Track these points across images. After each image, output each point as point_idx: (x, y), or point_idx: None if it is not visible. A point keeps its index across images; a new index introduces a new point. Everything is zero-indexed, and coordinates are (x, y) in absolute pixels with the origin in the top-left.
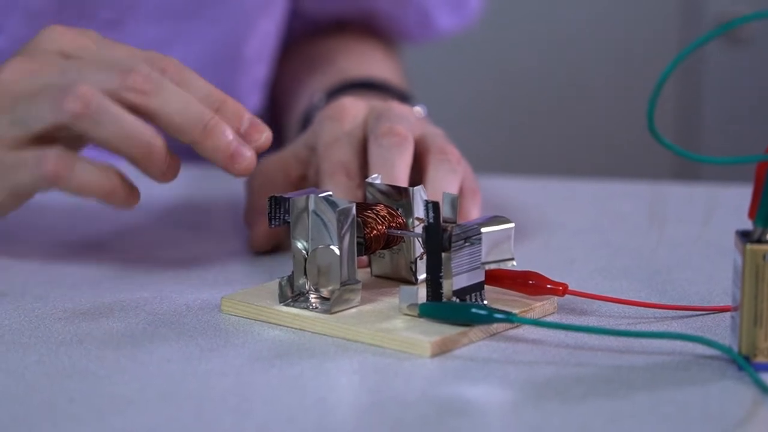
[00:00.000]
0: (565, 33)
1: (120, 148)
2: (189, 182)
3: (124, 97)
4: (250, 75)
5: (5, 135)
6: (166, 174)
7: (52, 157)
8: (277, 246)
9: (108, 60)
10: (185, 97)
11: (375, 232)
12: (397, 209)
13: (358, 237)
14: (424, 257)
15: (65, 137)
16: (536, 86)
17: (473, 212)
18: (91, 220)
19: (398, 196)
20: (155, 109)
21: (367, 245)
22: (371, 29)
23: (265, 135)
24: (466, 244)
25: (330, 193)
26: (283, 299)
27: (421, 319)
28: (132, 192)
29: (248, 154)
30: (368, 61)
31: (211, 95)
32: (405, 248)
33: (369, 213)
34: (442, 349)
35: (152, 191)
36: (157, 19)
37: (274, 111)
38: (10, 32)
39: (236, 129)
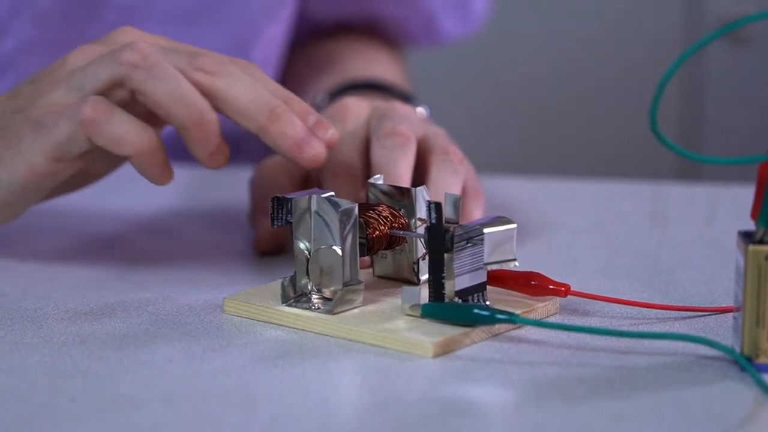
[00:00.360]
0: (567, 33)
1: (172, 110)
2: (191, 183)
3: (189, 76)
4: None
5: (59, 101)
6: (214, 155)
7: (90, 103)
8: (281, 246)
9: (179, 47)
10: (253, 82)
11: (377, 232)
12: (400, 209)
13: (360, 237)
14: (427, 258)
15: (120, 103)
16: (538, 86)
17: (476, 213)
18: (94, 220)
19: (401, 197)
20: (221, 89)
21: (369, 246)
22: (377, 33)
23: (331, 132)
24: (469, 244)
25: (332, 193)
26: (285, 300)
27: (424, 320)
28: (167, 166)
29: (317, 144)
30: (372, 62)
31: (278, 90)
32: (407, 249)
33: (371, 213)
34: (444, 350)
35: (154, 191)
36: (165, 24)
37: None
38: (16, 34)
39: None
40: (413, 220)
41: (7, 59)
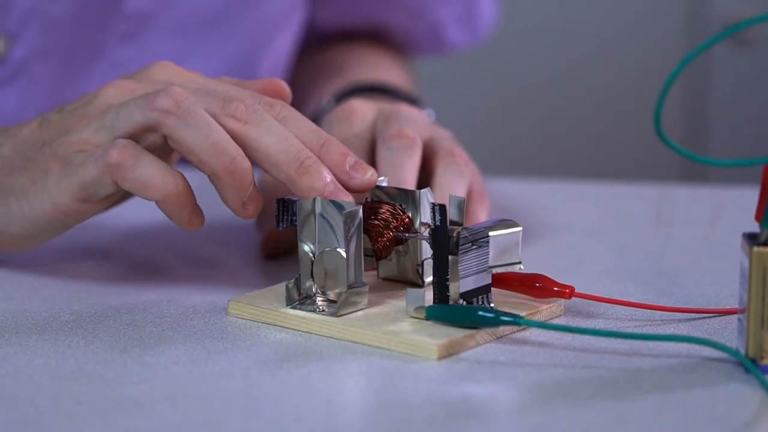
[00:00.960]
0: (572, 36)
1: (204, 158)
2: (197, 186)
3: (222, 122)
4: None
5: (89, 140)
6: (246, 206)
7: (118, 146)
8: (287, 249)
9: (213, 89)
10: (285, 132)
11: (383, 239)
12: (401, 205)
13: (366, 249)
14: (431, 260)
15: (151, 146)
16: (543, 88)
17: (481, 215)
18: (99, 222)
19: (406, 199)
20: (252, 138)
21: (377, 256)
22: (383, 42)
23: (369, 174)
24: (474, 247)
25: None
26: (290, 302)
27: (428, 322)
28: (196, 210)
29: (344, 197)
30: (378, 67)
31: (316, 132)
32: (412, 251)
33: (374, 221)
34: (449, 352)
35: None
36: (175, 34)
37: None
38: (27, 43)
39: (341, 167)
40: (417, 223)
41: (18, 67)
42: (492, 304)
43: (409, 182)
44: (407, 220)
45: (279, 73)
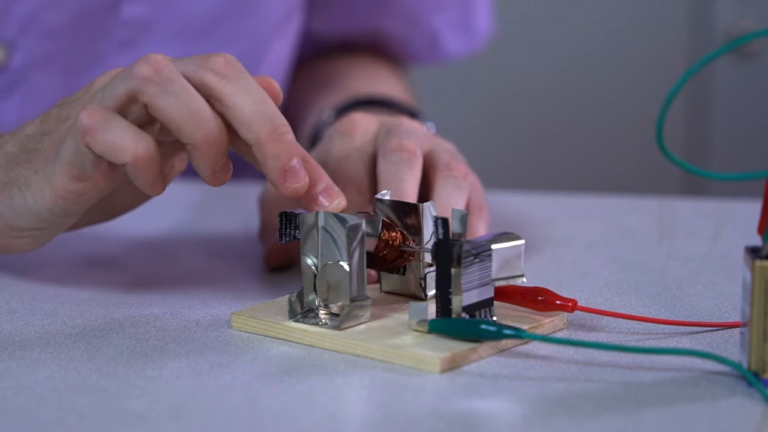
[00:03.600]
0: (573, 48)
1: (182, 126)
2: (200, 198)
3: (200, 76)
4: None
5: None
6: (218, 174)
7: (88, 110)
8: (291, 262)
9: (195, 57)
10: (263, 94)
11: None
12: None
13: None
14: (434, 272)
15: (136, 119)
16: (544, 101)
17: (480, 228)
18: (101, 236)
19: (408, 212)
20: (228, 94)
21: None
22: (380, 51)
23: (336, 201)
24: (476, 260)
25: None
26: (292, 315)
27: (431, 335)
28: (160, 175)
29: (303, 177)
30: (377, 80)
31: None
32: (414, 264)
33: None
34: (451, 365)
35: (163, 206)
36: (172, 41)
37: None
38: (26, 50)
39: (310, 189)
40: (421, 236)
41: (17, 75)
42: (494, 318)
43: (410, 195)
44: (396, 234)
45: (278, 81)
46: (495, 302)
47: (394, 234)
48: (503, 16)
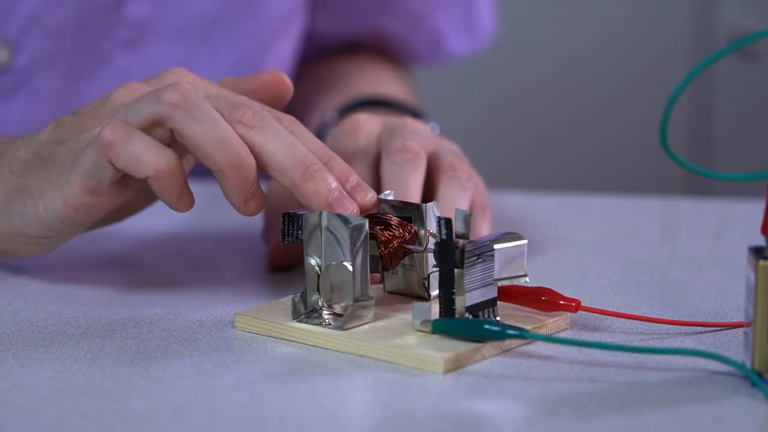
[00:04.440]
0: (577, 47)
1: (209, 152)
2: (205, 198)
3: (231, 125)
4: None
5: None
6: (249, 202)
7: (110, 125)
8: (294, 262)
9: (224, 95)
10: (291, 138)
11: (391, 245)
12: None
13: (372, 254)
14: (437, 272)
15: (159, 141)
16: (547, 101)
17: (483, 229)
18: (105, 237)
19: (411, 212)
20: (259, 143)
21: (384, 265)
22: (383, 51)
23: (369, 195)
24: (479, 260)
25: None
26: (296, 315)
27: (434, 336)
28: (186, 190)
29: (350, 206)
30: (380, 80)
31: (321, 149)
32: (417, 264)
33: (382, 232)
34: (455, 366)
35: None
36: (176, 40)
37: None
38: (29, 50)
39: (342, 186)
40: (423, 232)
41: (21, 75)
42: (498, 318)
43: (414, 196)
44: (414, 231)
45: None
46: (498, 302)
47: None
48: (505, 17)
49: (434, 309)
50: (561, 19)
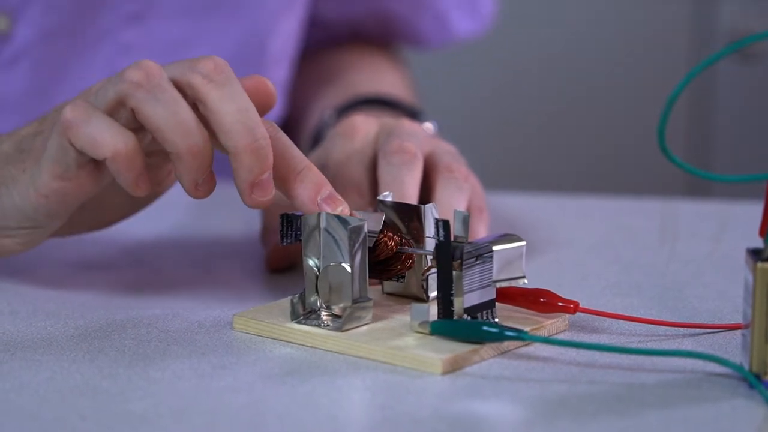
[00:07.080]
0: (576, 49)
1: (167, 135)
2: (201, 201)
3: (188, 78)
4: (272, 76)
5: None
6: (200, 187)
7: (71, 104)
8: (292, 264)
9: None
10: (248, 102)
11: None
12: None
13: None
14: (435, 274)
15: (125, 124)
16: (546, 102)
17: (480, 230)
18: (104, 238)
19: (410, 214)
20: (213, 99)
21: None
22: (387, 34)
23: (340, 208)
24: (478, 261)
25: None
26: (294, 317)
27: (433, 337)
28: (143, 174)
29: (271, 192)
30: (379, 76)
31: (297, 158)
32: (416, 266)
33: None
34: (453, 367)
35: (165, 207)
36: (181, 15)
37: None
38: (30, 22)
39: (312, 197)
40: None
41: (21, 48)
42: (496, 319)
43: (411, 197)
44: (398, 238)
45: (287, 59)
46: (497, 304)
47: (391, 235)
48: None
49: (433, 310)
50: (560, 20)
